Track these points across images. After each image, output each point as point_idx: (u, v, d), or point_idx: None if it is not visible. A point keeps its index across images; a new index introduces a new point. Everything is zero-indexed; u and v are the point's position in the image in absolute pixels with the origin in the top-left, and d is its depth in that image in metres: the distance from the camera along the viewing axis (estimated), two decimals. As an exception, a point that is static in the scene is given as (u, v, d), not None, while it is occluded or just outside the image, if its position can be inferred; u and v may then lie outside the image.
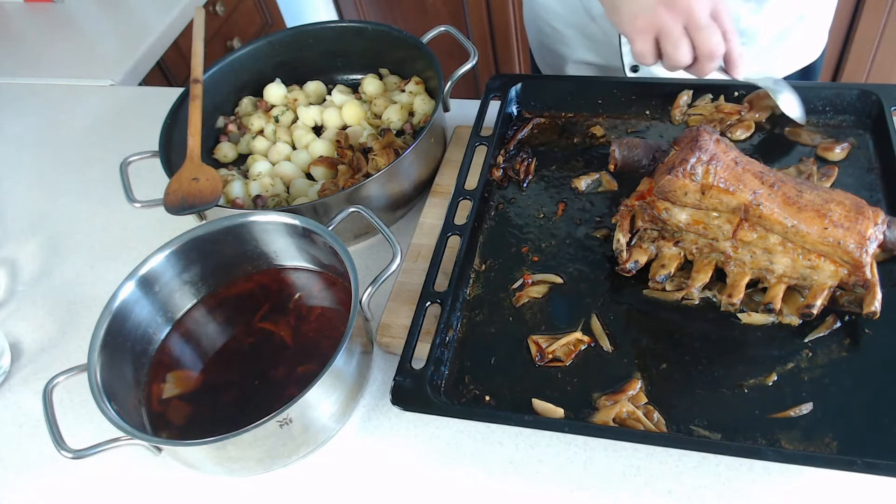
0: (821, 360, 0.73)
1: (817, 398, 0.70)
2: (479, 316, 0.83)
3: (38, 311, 1.00)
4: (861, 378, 0.71)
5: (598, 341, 0.78)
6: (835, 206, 0.73)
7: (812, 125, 0.94)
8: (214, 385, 0.81)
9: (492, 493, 0.73)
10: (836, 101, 0.93)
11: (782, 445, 0.68)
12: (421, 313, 0.80)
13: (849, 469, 0.63)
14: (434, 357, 0.76)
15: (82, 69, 1.49)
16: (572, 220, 0.90)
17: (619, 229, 0.82)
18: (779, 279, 0.76)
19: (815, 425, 0.69)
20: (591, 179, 0.94)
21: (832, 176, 0.87)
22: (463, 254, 0.85)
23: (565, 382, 0.76)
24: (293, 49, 1.16)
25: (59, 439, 0.70)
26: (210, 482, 0.78)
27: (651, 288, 0.81)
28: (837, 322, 0.75)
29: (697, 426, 0.70)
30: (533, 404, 0.74)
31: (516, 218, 0.92)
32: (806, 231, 0.72)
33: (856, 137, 0.91)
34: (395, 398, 0.73)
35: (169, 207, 0.89)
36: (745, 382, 0.73)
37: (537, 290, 0.83)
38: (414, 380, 0.74)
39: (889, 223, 0.74)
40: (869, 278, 0.72)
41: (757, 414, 0.70)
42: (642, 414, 0.71)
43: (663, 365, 0.75)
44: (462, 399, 0.76)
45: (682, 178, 0.75)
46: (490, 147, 0.96)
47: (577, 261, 0.86)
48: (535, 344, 0.78)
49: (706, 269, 0.79)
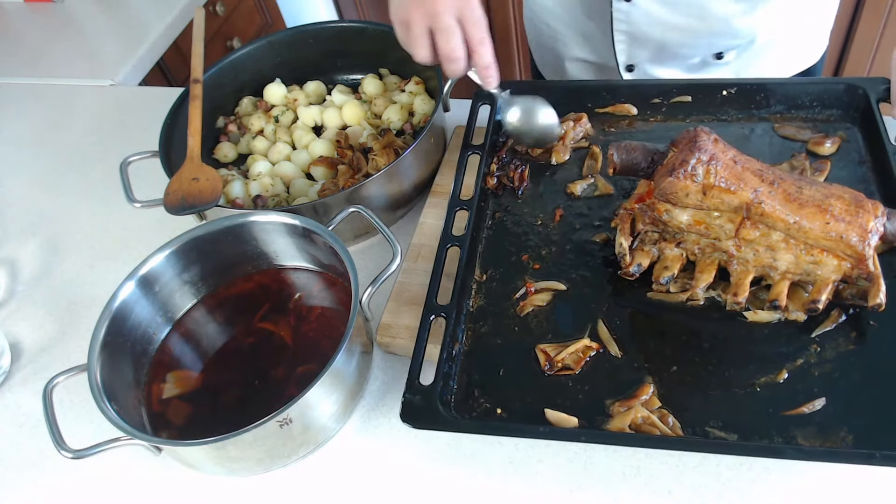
0: (829, 354, 0.73)
1: (829, 393, 0.70)
2: (483, 327, 0.81)
3: (38, 311, 1.00)
4: (870, 370, 0.71)
5: (606, 347, 0.77)
6: (835, 201, 0.73)
7: (801, 120, 0.94)
8: (214, 385, 0.81)
9: (492, 493, 0.73)
10: (824, 96, 0.94)
11: (799, 442, 0.68)
12: (426, 328, 0.78)
13: (868, 462, 0.63)
14: (442, 372, 0.75)
15: (82, 69, 1.49)
16: (570, 225, 0.90)
17: (621, 233, 0.82)
18: (782, 276, 0.76)
19: (829, 420, 0.69)
20: (587, 184, 0.94)
21: (825, 170, 0.88)
22: (463, 265, 0.83)
23: (577, 391, 0.75)
24: (293, 49, 1.16)
25: (59, 439, 0.70)
26: (210, 482, 0.78)
27: (655, 290, 0.81)
28: (843, 316, 0.75)
29: (713, 427, 0.70)
30: (546, 415, 0.73)
31: (514, 226, 0.91)
32: (808, 227, 0.73)
33: (844, 131, 0.92)
34: (405, 416, 0.71)
35: (169, 207, 0.89)
36: (756, 381, 0.73)
37: (541, 298, 0.82)
38: (423, 396, 0.72)
39: (888, 215, 0.74)
40: (872, 271, 0.72)
41: (771, 412, 0.70)
42: (657, 418, 0.70)
43: (673, 367, 0.75)
44: (472, 413, 0.74)
45: (684, 180, 0.75)
46: (482, 155, 0.95)
47: (578, 266, 0.85)
48: (543, 353, 0.77)
49: (709, 269, 0.79)
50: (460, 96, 1.12)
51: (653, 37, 1.09)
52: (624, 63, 1.14)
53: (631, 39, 1.10)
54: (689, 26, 1.06)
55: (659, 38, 1.09)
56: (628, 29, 1.08)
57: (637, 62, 1.14)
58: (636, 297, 0.81)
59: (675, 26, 1.07)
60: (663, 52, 1.11)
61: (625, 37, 1.10)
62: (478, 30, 0.85)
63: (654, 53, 1.12)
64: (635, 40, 1.10)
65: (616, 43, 1.11)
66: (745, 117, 0.97)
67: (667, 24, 1.06)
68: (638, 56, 1.13)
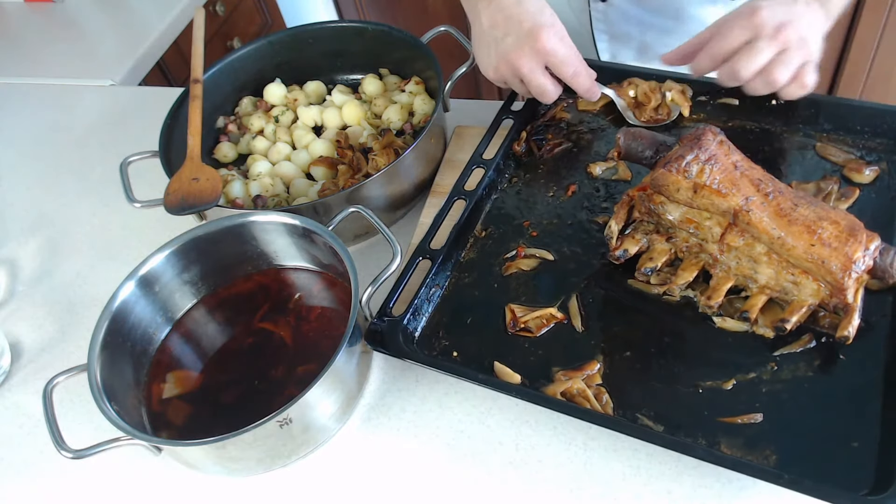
0: (784, 375, 0.72)
1: (770, 411, 0.70)
2: (467, 278, 0.86)
3: (38, 311, 1.00)
4: (820, 401, 0.70)
5: (571, 319, 0.80)
6: (827, 225, 0.71)
7: (846, 144, 0.89)
8: (214, 385, 0.81)
9: (492, 493, 0.73)
10: (876, 122, 0.89)
11: (721, 449, 0.68)
12: (412, 266, 0.83)
13: (775, 482, 0.62)
14: (413, 306, 0.80)
15: (82, 69, 1.49)
16: (579, 202, 0.91)
17: (614, 216, 0.83)
18: (761, 289, 0.76)
19: (759, 436, 0.68)
20: (608, 166, 0.95)
21: (851, 197, 0.84)
22: (465, 218, 0.88)
23: (530, 353, 0.78)
24: (293, 49, 1.16)
25: (59, 439, 0.70)
26: (210, 482, 0.78)
27: (636, 279, 0.82)
28: (812, 342, 0.74)
29: (643, 415, 0.71)
30: (494, 367, 0.77)
31: (526, 193, 0.94)
32: (791, 244, 0.72)
33: (889, 163, 0.87)
34: (368, 338, 0.78)
35: (169, 207, 0.89)
36: (702, 383, 0.73)
37: (527, 262, 0.86)
38: (390, 325, 0.78)
39: (883, 251, 0.72)
40: (849, 303, 0.71)
41: (706, 415, 0.70)
42: (592, 394, 0.73)
43: (627, 352, 0.76)
44: (433, 352, 0.79)
45: (675, 174, 0.76)
46: (517, 122, 0.98)
47: (572, 242, 0.87)
48: (510, 311, 0.81)
49: (692, 269, 0.79)
50: (460, 96, 1.12)
51: (633, 35, 1.09)
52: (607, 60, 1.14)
53: (611, 37, 1.11)
54: (666, 26, 1.07)
55: (639, 36, 1.09)
56: (607, 28, 1.09)
57: (620, 59, 1.14)
58: (617, 281, 0.83)
59: (652, 26, 1.07)
60: (646, 51, 1.12)
61: (605, 35, 1.11)
62: (566, 69, 0.89)
63: (636, 51, 1.13)
64: (616, 38, 1.11)
65: (597, 42, 1.11)
66: (790, 130, 0.92)
67: (644, 23, 1.07)
68: (621, 54, 1.13)
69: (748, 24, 0.79)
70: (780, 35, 0.78)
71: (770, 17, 0.78)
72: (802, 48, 0.79)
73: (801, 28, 0.78)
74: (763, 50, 0.79)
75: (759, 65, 0.80)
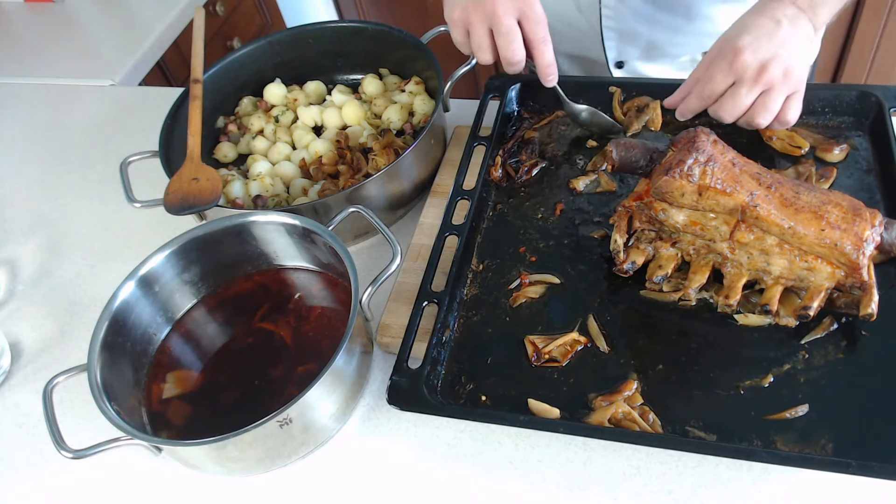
0: (817, 361, 0.73)
1: (813, 400, 0.70)
2: (476, 316, 0.83)
3: (38, 311, 1.00)
4: (857, 380, 0.71)
5: (594, 342, 0.78)
6: (832, 208, 0.73)
7: (811, 126, 0.93)
8: (214, 385, 0.81)
9: (492, 493, 0.73)
10: (835, 103, 0.93)
11: (778, 447, 0.68)
12: (418, 313, 0.80)
13: (844, 471, 0.63)
14: (430, 357, 0.77)
15: (82, 69, 1.49)
16: (570, 220, 0.90)
17: (617, 230, 0.82)
18: (776, 281, 0.76)
19: (811, 427, 0.69)
20: (590, 180, 0.94)
21: (830, 177, 0.87)
22: (460, 254, 0.85)
23: (561, 383, 0.76)
24: (293, 49, 1.16)
25: (59, 439, 0.70)
26: (210, 482, 0.78)
27: (648, 289, 0.81)
28: (834, 324, 0.75)
29: (693, 427, 0.70)
30: (529, 404, 0.74)
31: (514, 218, 0.92)
32: (803, 233, 0.72)
33: (854, 139, 0.91)
34: (392, 398, 0.74)
35: (169, 207, 0.89)
36: (741, 384, 0.73)
37: (534, 290, 0.83)
38: (410, 379, 0.75)
39: (886, 225, 0.74)
40: (866, 280, 0.72)
41: (753, 415, 0.70)
42: (637, 415, 0.71)
43: (659, 366, 0.75)
44: (459, 399, 0.76)
45: (679, 179, 0.76)
46: (489, 147, 0.96)
47: (574, 261, 0.86)
48: (531, 344, 0.78)
49: (703, 271, 0.79)
50: (460, 96, 1.12)
51: (642, 34, 1.09)
52: (614, 59, 1.14)
53: (620, 36, 1.10)
54: (676, 24, 1.07)
55: (647, 35, 1.09)
56: (617, 25, 1.09)
57: (627, 59, 1.14)
58: (629, 294, 0.82)
59: (662, 24, 1.07)
60: (653, 50, 1.12)
61: (614, 33, 1.10)
62: (539, 28, 0.86)
63: (643, 51, 1.12)
64: (624, 37, 1.10)
65: (605, 39, 1.11)
66: None
67: (654, 21, 1.07)
68: (628, 53, 1.13)
69: (730, 70, 0.79)
70: (763, 77, 0.78)
71: (752, 59, 0.78)
72: (787, 82, 0.79)
73: (784, 60, 0.78)
74: (745, 96, 0.79)
75: (741, 110, 0.81)
